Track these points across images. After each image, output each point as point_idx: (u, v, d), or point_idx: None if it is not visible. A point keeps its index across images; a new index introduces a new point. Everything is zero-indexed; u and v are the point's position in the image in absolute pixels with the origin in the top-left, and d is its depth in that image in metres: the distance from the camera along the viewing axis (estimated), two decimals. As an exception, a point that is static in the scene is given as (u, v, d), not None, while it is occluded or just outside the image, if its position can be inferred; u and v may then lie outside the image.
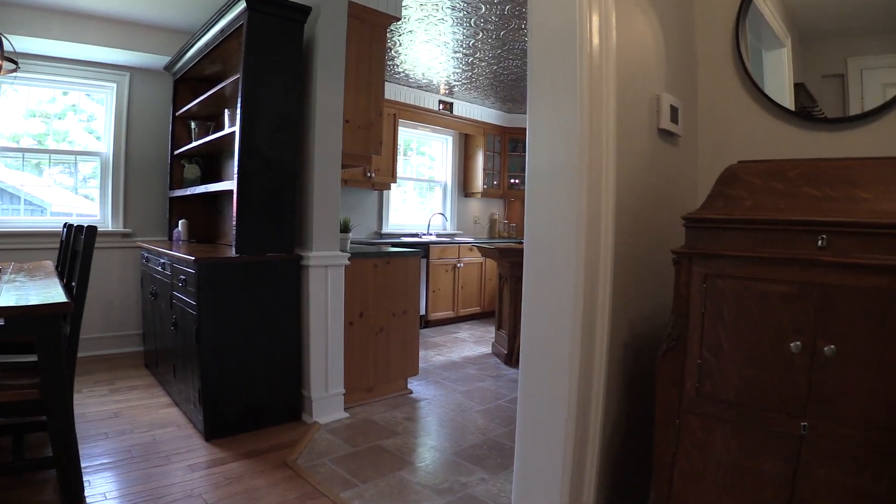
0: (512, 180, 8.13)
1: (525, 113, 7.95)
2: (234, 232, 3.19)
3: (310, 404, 3.39)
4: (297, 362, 3.41)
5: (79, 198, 5.08)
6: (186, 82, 4.88)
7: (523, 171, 8.28)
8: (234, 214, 3.18)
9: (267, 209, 3.25)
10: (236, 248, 3.18)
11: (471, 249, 6.98)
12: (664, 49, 2.00)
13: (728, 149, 2.24)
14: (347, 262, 3.45)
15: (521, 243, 6.27)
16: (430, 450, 3.09)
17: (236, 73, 3.27)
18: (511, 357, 4.99)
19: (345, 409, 3.58)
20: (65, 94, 4.92)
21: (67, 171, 5.00)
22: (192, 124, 4.70)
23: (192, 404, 3.25)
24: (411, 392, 4.09)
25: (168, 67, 4.86)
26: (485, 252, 5.21)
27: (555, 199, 1.70)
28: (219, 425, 3.13)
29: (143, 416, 3.43)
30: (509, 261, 4.94)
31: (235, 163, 3.19)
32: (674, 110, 2.02)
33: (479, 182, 7.74)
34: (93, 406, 3.60)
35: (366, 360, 3.76)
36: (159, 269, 3.88)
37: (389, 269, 3.84)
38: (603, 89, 1.67)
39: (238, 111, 3.18)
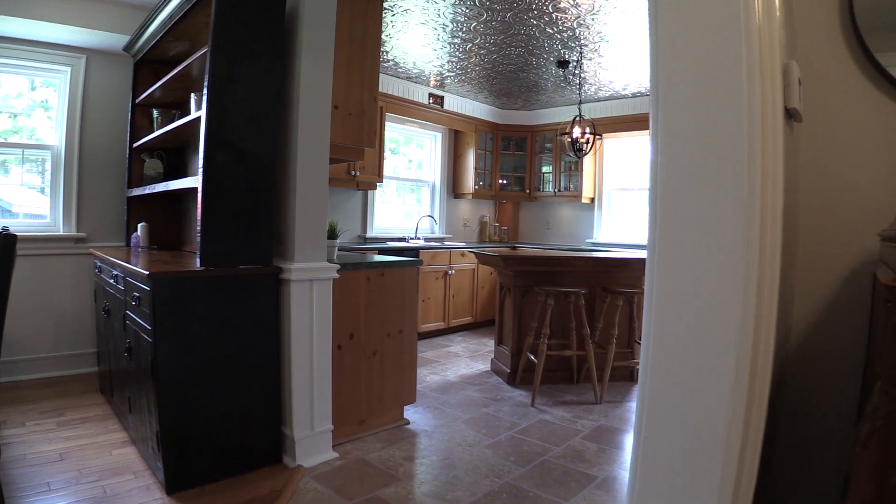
0: (502, 181, 7.64)
1: (519, 109, 7.61)
2: (198, 240, 2.63)
3: (293, 445, 2.84)
4: (276, 395, 2.86)
5: (30, 195, 4.43)
6: (148, 65, 4.29)
7: (515, 170, 7.89)
8: (199, 218, 2.62)
9: (239, 212, 2.69)
10: (201, 260, 2.61)
11: (462, 255, 6.47)
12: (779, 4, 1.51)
13: (836, 134, 1.76)
14: (335, 275, 2.91)
15: (515, 248, 5.71)
16: (439, 502, 2.56)
17: (205, 48, 2.72)
18: (515, 377, 4.49)
19: (334, 446, 3.04)
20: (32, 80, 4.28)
21: (36, 169, 4.36)
22: (155, 113, 4.12)
23: (151, 448, 2.68)
24: (408, 422, 3.56)
25: (128, 48, 4.26)
26: (485, 259, 4.70)
27: (713, 199, 1.18)
28: (183, 475, 2.56)
29: (94, 460, 2.85)
30: (514, 270, 4.44)
31: (200, 155, 2.63)
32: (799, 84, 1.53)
33: (469, 182, 7.24)
34: (37, 444, 3.00)
35: (357, 388, 3.22)
36: (112, 282, 3.30)
37: (384, 281, 3.31)
38: (766, 50, 1.17)
39: (205, 92, 2.63)
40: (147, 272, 2.48)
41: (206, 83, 2.64)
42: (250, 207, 2.72)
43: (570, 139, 4.99)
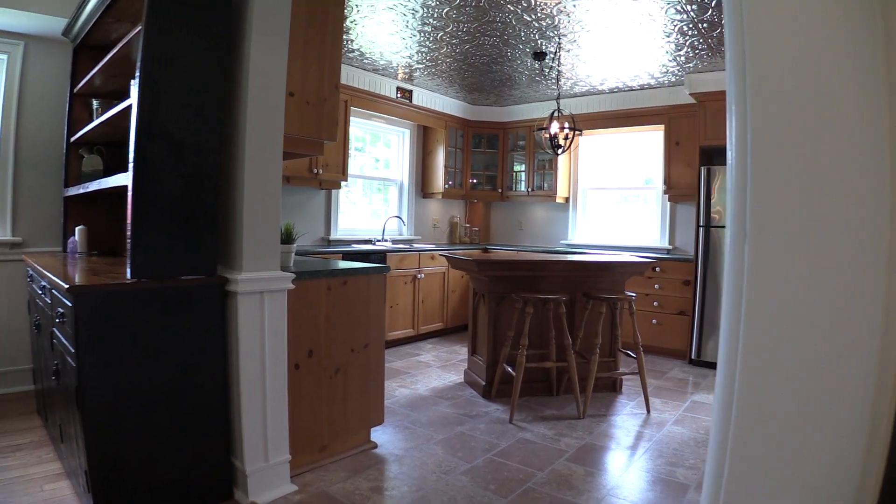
0: (472, 180, 7.34)
1: (491, 105, 7.27)
2: (129, 247, 2.25)
3: (244, 479, 2.47)
4: (225, 423, 2.49)
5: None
6: (88, 51, 3.86)
7: (487, 169, 7.59)
8: (129, 222, 2.24)
9: (177, 213, 2.32)
10: (132, 270, 2.24)
11: (432, 258, 6.15)
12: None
13: None
14: (291, 285, 2.55)
15: (487, 249, 5.40)
16: (411, 548, 2.24)
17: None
18: (491, 390, 4.18)
19: (292, 477, 2.69)
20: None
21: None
22: (95, 103, 3.70)
23: (81, 485, 2.29)
24: (376, 446, 3.22)
25: (66, 32, 3.82)
26: (458, 264, 4.38)
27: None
28: (113, 519, 2.18)
29: (21, 497, 2.47)
30: (489, 275, 4.13)
31: (131, 148, 2.26)
32: None
33: (439, 181, 6.91)
34: (-50, 482, 2.59)
35: (318, 411, 2.87)
36: (41, 293, 2.89)
37: (347, 290, 2.96)
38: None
39: (137, 75, 2.25)
40: (67, 286, 2.10)
41: (138, 64, 2.27)
42: (191, 208, 2.35)
43: (547, 135, 4.71)
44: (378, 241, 6.30)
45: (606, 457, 3.22)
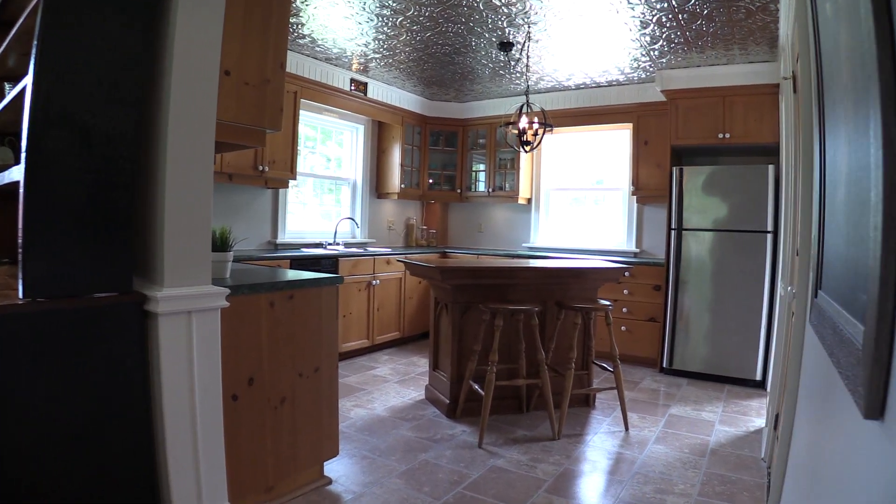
0: (430, 180, 6.96)
1: (450, 100, 6.82)
2: (21, 258, 1.78)
3: (168, 537, 2.03)
4: (148, 469, 2.04)
5: None
6: (3, 27, 3.30)
7: (445, 168, 7.21)
8: (21, 227, 1.77)
9: (84, 216, 1.86)
10: (25, 288, 1.77)
11: (388, 262, 5.75)
12: None
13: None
14: (225, 303, 2.11)
15: (446, 253, 5.00)
16: None
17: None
18: (455, 408, 3.82)
19: (228, 530, 2.26)
20: None
21: None
22: (7, 87, 3.15)
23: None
24: (331, 482, 2.81)
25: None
26: (419, 271, 4.00)
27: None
28: None
29: None
30: (453, 283, 3.76)
31: (24, 136, 1.80)
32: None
33: (395, 181, 6.50)
34: None
35: (261, 448, 2.44)
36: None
37: (294, 306, 2.54)
38: None
39: (34, 49, 1.79)
40: (-73, 308, 1.62)
41: (36, 34, 1.81)
42: (100, 209, 1.89)
43: (515, 131, 4.38)
44: (329, 244, 5.85)
45: (590, 485, 2.90)
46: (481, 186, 6.92)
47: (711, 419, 3.91)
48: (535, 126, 4.34)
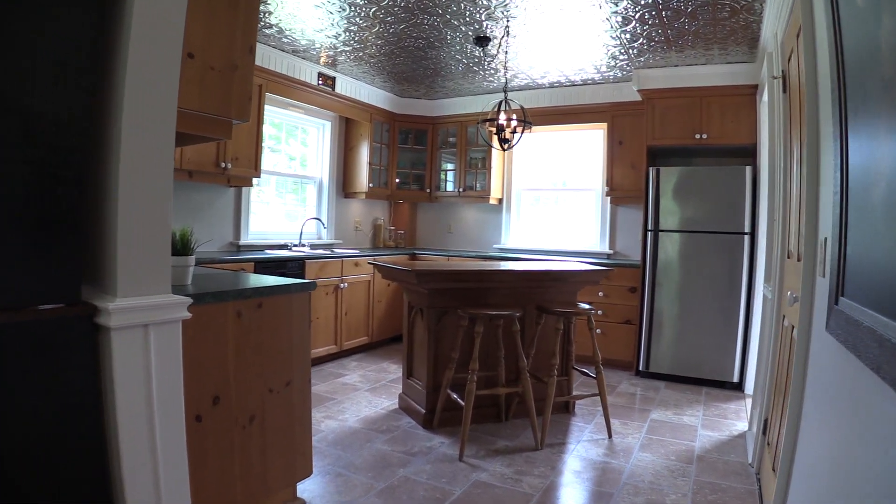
0: (398, 179, 6.76)
1: (420, 97, 6.57)
2: (-56, 262, 1.53)
3: (122, 577, 1.79)
4: (103, 499, 1.79)
5: None
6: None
7: (414, 167, 7.00)
8: (-55, 226, 1.52)
9: (23, 216, 1.61)
10: (-52, 297, 1.52)
11: (356, 264, 5.53)
12: None
13: None
14: (187, 314, 1.88)
15: (415, 255, 4.78)
16: None
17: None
18: (432, 419, 3.63)
19: (190, 565, 2.02)
20: None
21: None
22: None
23: None
24: (302, 505, 2.60)
25: None
26: (393, 274, 3.81)
27: None
28: None
29: None
30: (430, 287, 3.58)
31: (-51, 121, 1.54)
32: None
33: (362, 180, 6.28)
34: None
35: (229, 471, 2.21)
36: None
37: (263, 315, 2.32)
38: None
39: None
40: None
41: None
42: (43, 207, 1.64)
43: (493, 128, 4.22)
44: (295, 245, 5.59)
45: (579, 499, 2.77)
46: (451, 186, 6.75)
47: (693, 423, 3.83)
48: (514, 123, 4.19)
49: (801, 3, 2.16)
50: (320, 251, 5.55)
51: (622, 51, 4.49)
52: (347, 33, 4.35)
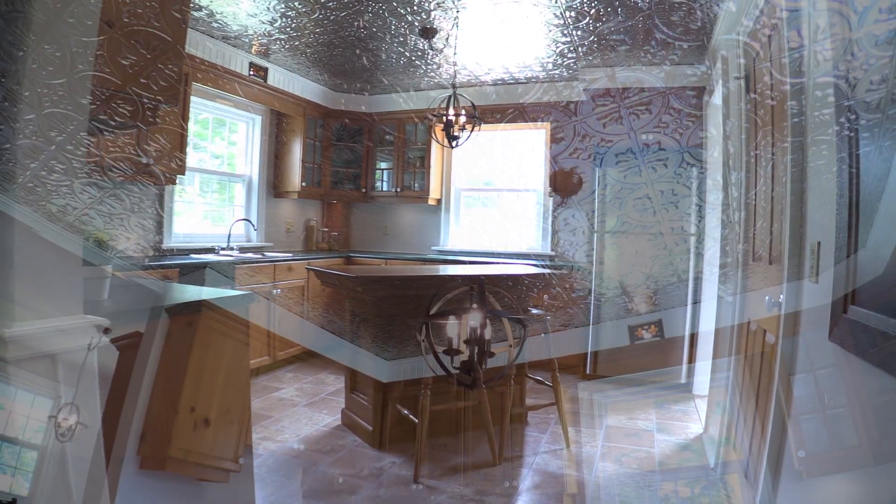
0: (332, 178, 6.42)
1: (357, 92, 6.25)
2: None
3: None
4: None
5: None
6: None
7: (349, 166, 6.66)
8: None
9: None
10: None
11: (290, 269, 5.18)
12: None
13: None
14: (104, 339, 1.54)
15: (350, 258, 4.47)
16: None
17: None
18: (381, 437, 3.37)
19: None
20: None
21: None
22: None
23: None
24: (242, 548, 2.28)
25: None
26: (334, 281, 3.52)
27: None
28: None
29: None
30: (375, 295, 3.32)
31: None
32: None
33: (295, 178, 5.91)
34: None
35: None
36: None
37: (196, 334, 2.00)
38: None
39: None
40: None
41: None
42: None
43: (441, 124, 4.01)
44: (223, 249, 5.16)
45: (548, 524, 2.60)
46: (388, 186, 6.49)
47: (649, 428, 3.76)
48: (463, 120, 3.99)
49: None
50: (250, 255, 5.16)
51: (571, 48, 4.39)
52: (284, 19, 4.00)
